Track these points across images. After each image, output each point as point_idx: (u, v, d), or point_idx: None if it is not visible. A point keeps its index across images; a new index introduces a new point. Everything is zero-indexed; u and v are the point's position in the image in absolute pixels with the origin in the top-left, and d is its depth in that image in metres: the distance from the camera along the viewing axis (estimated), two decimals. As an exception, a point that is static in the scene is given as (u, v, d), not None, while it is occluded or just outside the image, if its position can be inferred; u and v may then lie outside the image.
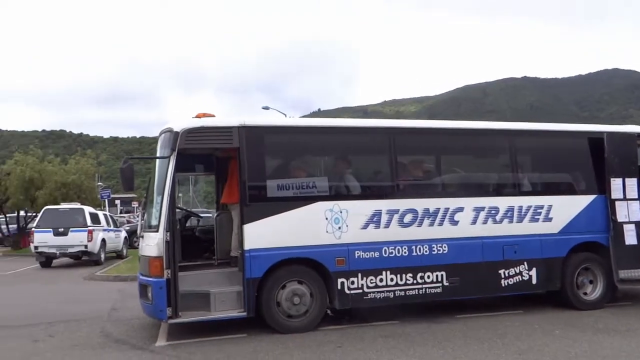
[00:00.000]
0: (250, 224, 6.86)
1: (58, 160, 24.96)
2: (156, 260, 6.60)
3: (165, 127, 7.14)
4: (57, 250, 17.00)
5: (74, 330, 7.65)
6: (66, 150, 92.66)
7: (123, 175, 6.75)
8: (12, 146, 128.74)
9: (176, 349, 6.34)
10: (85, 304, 10.18)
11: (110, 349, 6.48)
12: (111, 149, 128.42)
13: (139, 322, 7.90)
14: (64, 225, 16.93)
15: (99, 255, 17.47)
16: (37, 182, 22.52)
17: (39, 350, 6.57)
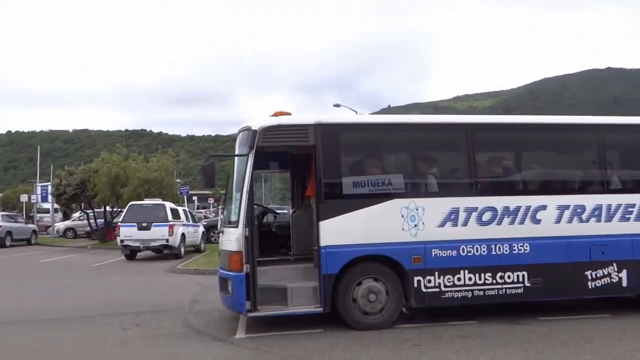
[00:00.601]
0: (326, 221, 6.92)
1: (141, 158, 26.24)
2: (236, 255, 6.80)
3: (244, 126, 7.34)
4: (141, 244, 17.95)
5: (158, 320, 8.04)
6: (147, 148, 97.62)
7: (205, 172, 7.01)
8: (98, 145, 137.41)
9: (255, 342, 6.51)
10: (168, 295, 10.67)
11: (192, 340, 6.75)
12: (188, 147, 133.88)
13: (218, 315, 8.18)
14: (147, 220, 17.82)
15: (179, 249, 18.26)
16: (122, 179, 23.76)
17: (128, 339, 6.97)
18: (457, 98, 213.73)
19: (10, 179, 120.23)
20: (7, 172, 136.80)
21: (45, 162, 57.18)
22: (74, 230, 32.87)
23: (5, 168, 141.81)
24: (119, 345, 6.59)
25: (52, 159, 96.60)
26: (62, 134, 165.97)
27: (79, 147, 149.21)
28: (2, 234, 25.71)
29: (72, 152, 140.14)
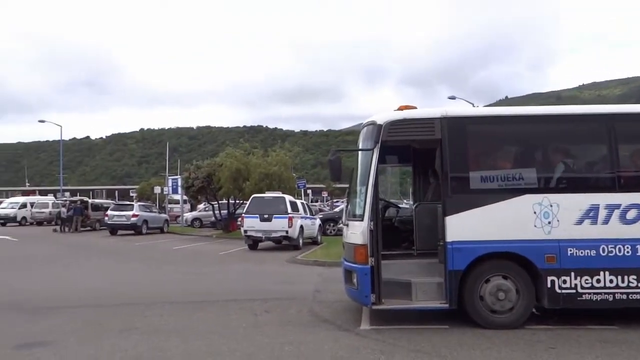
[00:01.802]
0: (452, 216, 6.79)
1: (261, 153, 27.45)
2: (361, 248, 6.90)
3: (369, 120, 7.41)
4: (262, 235, 18.83)
5: (285, 307, 8.40)
6: (263, 144, 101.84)
7: (331, 167, 7.18)
8: (219, 140, 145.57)
9: (381, 334, 6.58)
10: (291, 284, 11.10)
11: (319, 328, 6.98)
12: (301, 142, 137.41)
13: (341, 305, 8.37)
14: (268, 212, 18.64)
15: (298, 241, 18.90)
16: (243, 173, 25.02)
17: (259, 323, 7.36)
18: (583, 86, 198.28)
19: (142, 172, 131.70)
20: (140, 166, 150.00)
21: (172, 157, 61.62)
22: (200, 220, 35.27)
23: (139, 162, 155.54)
24: (252, 329, 6.99)
25: (178, 154, 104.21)
26: (187, 131, 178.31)
27: (202, 142, 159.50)
28: (139, 223, 28.27)
29: (196, 147, 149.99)
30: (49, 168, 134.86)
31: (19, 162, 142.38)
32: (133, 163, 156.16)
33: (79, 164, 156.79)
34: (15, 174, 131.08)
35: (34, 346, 6.22)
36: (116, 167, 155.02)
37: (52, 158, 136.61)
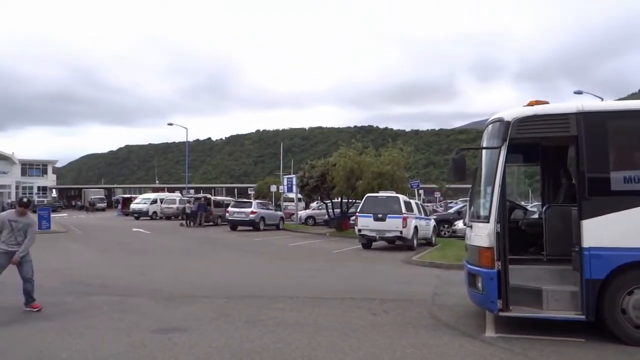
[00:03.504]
0: (590, 220, 6.27)
1: (373, 152, 27.42)
2: (487, 251, 6.60)
3: (495, 117, 7.07)
4: (376, 234, 18.78)
5: (404, 309, 8.29)
6: (373, 143, 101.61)
7: (455, 166, 6.94)
8: (330, 141, 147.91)
9: (508, 342, 6.24)
10: (407, 285, 10.95)
11: (441, 332, 6.78)
12: (412, 142, 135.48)
13: (463, 310, 8.08)
14: (382, 211, 18.56)
15: (412, 241, 18.61)
16: (356, 172, 25.14)
17: (378, 323, 7.32)
18: None
19: (258, 171, 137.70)
20: (256, 166, 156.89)
21: (286, 157, 63.61)
22: (313, 218, 36.04)
23: (255, 162, 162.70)
24: (371, 328, 6.97)
25: (292, 153, 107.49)
26: (300, 132, 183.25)
27: (314, 143, 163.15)
28: (257, 219, 29.55)
29: (308, 147, 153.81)
30: (175, 167, 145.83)
31: (149, 162, 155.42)
32: (250, 162, 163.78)
33: (202, 163, 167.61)
34: (147, 173, 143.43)
35: (170, 331, 6.69)
36: (234, 166, 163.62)
37: (178, 158, 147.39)
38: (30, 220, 8.08)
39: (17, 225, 7.87)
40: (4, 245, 7.82)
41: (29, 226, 7.98)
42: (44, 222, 27.12)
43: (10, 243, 7.85)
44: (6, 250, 7.83)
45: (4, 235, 7.83)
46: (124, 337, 6.42)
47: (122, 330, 6.77)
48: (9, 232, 7.83)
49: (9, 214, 8.02)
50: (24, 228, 7.92)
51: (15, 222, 7.87)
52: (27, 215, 8.03)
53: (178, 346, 6.02)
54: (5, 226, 7.84)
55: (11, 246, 7.85)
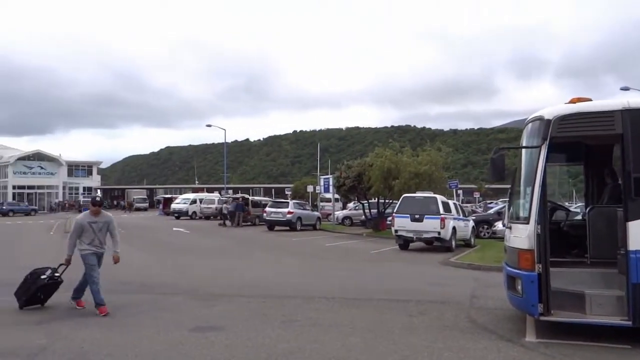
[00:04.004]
0: (636, 221, 6.01)
1: (410, 152, 27.16)
2: (527, 253, 6.42)
3: (535, 115, 6.88)
4: (413, 235, 18.59)
5: (441, 311, 8.16)
6: (411, 143, 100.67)
7: (493, 165, 6.79)
8: (366, 141, 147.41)
9: (549, 348, 6.06)
10: (445, 287, 10.78)
11: (478, 336, 6.64)
12: (450, 141, 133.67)
13: (502, 313, 7.90)
14: (419, 212, 18.37)
15: (450, 242, 18.34)
16: (393, 172, 24.94)
17: (414, 325, 7.23)
18: None
19: (295, 172, 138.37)
20: (293, 166, 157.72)
21: (323, 157, 63.74)
22: (350, 218, 35.98)
23: (292, 162, 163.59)
24: (407, 330, 6.89)
25: (329, 154, 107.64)
26: (337, 132, 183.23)
27: (350, 143, 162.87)
28: (294, 219, 29.71)
29: (345, 147, 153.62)
30: (214, 168, 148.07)
31: (190, 163, 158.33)
32: (287, 163, 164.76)
33: (240, 164, 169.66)
34: (187, 173, 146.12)
35: (207, 330, 6.79)
36: (272, 167, 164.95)
37: (217, 159, 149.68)
38: (108, 218, 8.06)
39: (97, 226, 7.84)
40: (90, 247, 7.79)
41: (109, 223, 7.99)
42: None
43: (96, 244, 7.83)
44: (95, 251, 7.82)
45: (86, 238, 7.78)
46: (163, 335, 6.55)
47: (161, 328, 6.90)
48: (91, 234, 7.78)
49: (85, 217, 7.95)
50: (105, 227, 7.91)
51: (95, 223, 7.84)
52: (102, 214, 8.01)
53: (214, 345, 6.10)
54: (86, 229, 7.78)
55: (97, 247, 7.86)
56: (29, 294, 7.88)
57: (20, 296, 7.92)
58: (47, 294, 8.06)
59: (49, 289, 8.02)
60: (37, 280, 7.89)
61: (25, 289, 7.92)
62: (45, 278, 7.90)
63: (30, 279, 7.95)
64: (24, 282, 8.00)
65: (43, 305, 8.01)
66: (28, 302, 7.91)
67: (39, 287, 7.88)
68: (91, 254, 7.76)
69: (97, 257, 7.85)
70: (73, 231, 7.89)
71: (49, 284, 7.97)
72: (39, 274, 7.96)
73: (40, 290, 7.92)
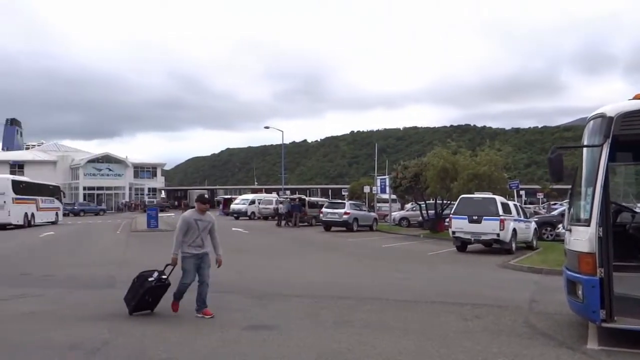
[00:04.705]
0: None
1: (468, 153, 26.57)
2: (588, 257, 6.16)
3: (596, 113, 6.59)
4: (471, 236, 18.19)
5: (497, 315, 7.95)
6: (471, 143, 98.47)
7: (551, 165, 6.55)
8: (425, 141, 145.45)
9: (612, 356, 5.78)
10: (503, 290, 10.49)
11: (537, 342, 6.42)
12: (512, 141, 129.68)
13: (563, 319, 7.60)
14: (477, 213, 17.95)
15: (510, 245, 17.80)
16: (451, 172, 24.50)
17: (469, 329, 7.08)
18: None
19: (353, 172, 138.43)
20: (351, 167, 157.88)
21: (380, 158, 63.36)
22: (407, 219, 35.64)
23: (350, 163, 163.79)
24: (461, 334, 6.75)
25: (386, 154, 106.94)
26: (394, 132, 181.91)
27: (408, 143, 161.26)
28: (350, 220, 29.76)
29: (403, 147, 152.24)
30: (273, 169, 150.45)
31: (249, 164, 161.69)
32: (344, 164, 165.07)
33: (298, 165, 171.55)
34: (246, 174, 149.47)
35: (260, 329, 6.93)
36: (329, 168, 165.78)
37: (275, 160, 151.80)
38: (212, 218, 7.84)
39: (203, 224, 7.57)
40: (190, 249, 7.49)
41: (213, 224, 7.78)
42: (152, 221, 29.20)
43: (197, 245, 7.54)
44: (193, 253, 7.52)
45: (190, 237, 7.48)
46: (218, 333, 6.75)
47: (216, 326, 7.10)
48: (195, 232, 7.49)
49: (192, 214, 7.63)
50: (208, 226, 7.67)
51: (201, 221, 7.56)
52: (207, 213, 7.78)
53: (267, 343, 6.21)
54: (192, 227, 7.48)
55: (197, 248, 7.55)
56: (137, 298, 7.58)
57: (130, 301, 7.66)
58: (155, 298, 7.77)
59: (156, 292, 7.72)
60: (145, 284, 7.57)
61: (134, 293, 7.64)
62: (153, 280, 7.59)
63: (138, 283, 7.67)
64: (131, 286, 7.74)
65: (152, 310, 7.77)
66: (137, 307, 7.63)
67: (147, 290, 7.56)
68: (190, 257, 7.50)
69: (195, 260, 7.56)
70: (179, 228, 7.51)
71: (157, 287, 7.65)
72: (146, 276, 7.66)
73: (148, 294, 7.62)
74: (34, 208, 34.54)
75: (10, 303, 8.74)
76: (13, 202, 31.52)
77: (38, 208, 35.11)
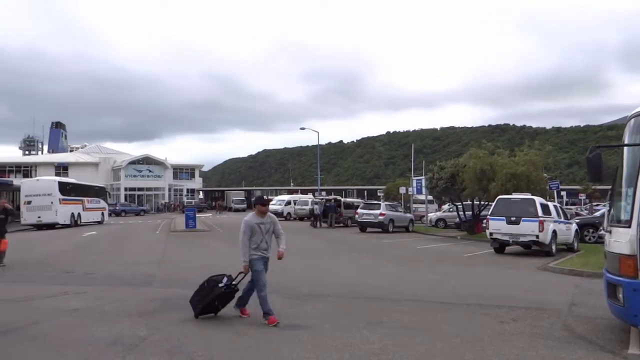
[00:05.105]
0: None
1: (506, 153, 26.06)
2: (629, 259, 5.99)
3: (637, 110, 6.42)
4: (509, 238, 17.84)
5: (535, 318, 7.80)
6: (510, 143, 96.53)
7: (590, 165, 6.39)
8: (463, 141, 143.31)
9: (654, 361, 5.61)
10: (542, 293, 10.28)
11: (576, 346, 6.28)
12: (553, 140, 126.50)
13: (603, 323, 7.42)
14: (516, 214, 17.60)
15: (550, 247, 17.37)
16: (488, 173, 24.08)
17: (506, 332, 6.97)
18: None
19: (389, 173, 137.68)
20: (387, 167, 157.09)
21: (417, 158, 62.67)
22: (444, 220, 35.21)
23: (386, 164, 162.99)
24: (497, 337, 6.67)
25: (423, 155, 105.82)
26: (431, 132, 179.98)
27: (446, 143, 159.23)
28: (386, 221, 29.60)
29: (440, 148, 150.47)
30: (309, 170, 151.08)
31: (285, 165, 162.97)
32: (380, 164, 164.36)
33: (334, 166, 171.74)
34: (282, 175, 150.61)
35: (295, 328, 7.00)
36: (365, 169, 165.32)
37: (311, 161, 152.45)
38: (273, 218, 7.72)
39: (265, 227, 7.49)
40: (257, 252, 7.44)
41: (275, 224, 7.67)
42: (190, 221, 29.74)
43: (263, 248, 7.48)
44: (261, 255, 7.49)
45: (255, 240, 7.41)
46: (253, 331, 6.86)
47: (252, 324, 7.21)
48: (260, 235, 7.42)
49: (253, 218, 7.49)
50: (271, 228, 7.59)
51: (263, 224, 7.48)
52: (268, 214, 7.68)
53: (301, 343, 6.27)
54: (255, 231, 7.40)
55: (263, 252, 7.50)
56: (205, 302, 7.54)
57: (197, 304, 7.61)
58: (222, 303, 7.74)
59: (225, 297, 7.70)
60: (215, 289, 7.52)
61: (202, 297, 7.58)
62: (223, 287, 7.53)
63: (207, 287, 7.59)
64: (199, 290, 7.67)
65: (216, 314, 7.75)
66: (204, 311, 7.62)
67: (216, 295, 7.53)
68: (258, 259, 7.42)
69: (264, 262, 7.53)
70: (243, 233, 7.38)
71: (226, 293, 7.61)
72: (216, 282, 7.58)
73: (217, 299, 7.60)
74: (81, 208, 35.92)
75: (56, 300, 9.08)
76: (60, 202, 32.86)
77: (84, 208, 36.50)
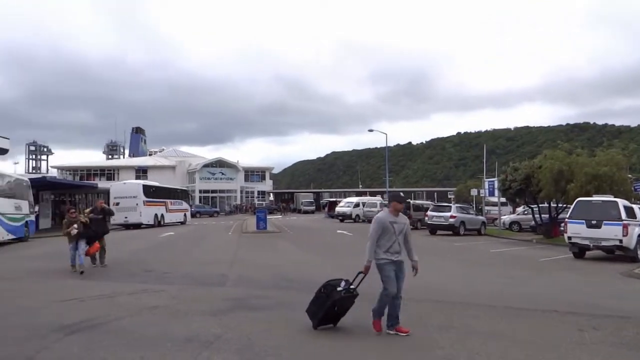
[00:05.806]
0: None
1: (586, 153, 24.79)
2: None
3: None
4: (590, 242, 16.92)
5: (619, 327, 7.38)
6: (589, 142, 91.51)
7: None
8: (539, 141, 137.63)
9: None
10: (625, 301, 9.71)
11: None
12: (638, 139, 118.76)
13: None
14: (597, 217, 16.67)
15: (635, 252, 16.32)
16: (566, 174, 22.97)
17: (585, 341, 6.63)
18: None
19: (460, 174, 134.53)
20: (457, 169, 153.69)
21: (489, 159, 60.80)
22: (518, 223, 33.91)
23: (456, 165, 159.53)
24: (577, 346, 6.36)
25: (495, 156, 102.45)
26: (505, 132, 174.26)
27: (520, 144, 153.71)
28: (457, 224, 28.96)
29: (514, 149, 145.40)
30: (377, 172, 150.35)
31: (353, 167, 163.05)
32: (451, 166, 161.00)
33: (403, 168, 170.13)
34: (351, 177, 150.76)
35: (364, 332, 6.94)
36: (435, 170, 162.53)
37: (379, 162, 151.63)
38: (405, 219, 7.00)
39: (399, 227, 6.78)
40: (387, 255, 6.73)
41: (407, 226, 6.97)
42: (260, 223, 30.50)
43: (394, 250, 6.75)
44: (392, 260, 6.76)
45: (385, 241, 6.72)
46: (323, 335, 6.89)
47: (327, 328, 7.12)
48: (392, 236, 6.72)
49: (386, 215, 6.83)
50: (404, 229, 6.86)
51: (396, 224, 6.77)
52: (401, 214, 6.97)
53: (370, 347, 6.24)
54: (387, 230, 6.70)
55: (395, 255, 6.76)
56: (324, 310, 6.90)
57: (315, 314, 7.01)
58: (342, 309, 7.06)
59: (345, 303, 7.00)
60: (333, 293, 6.88)
61: (320, 304, 6.97)
62: (341, 290, 6.87)
63: (324, 292, 6.99)
64: (316, 298, 7.08)
65: (335, 325, 7.11)
66: (323, 320, 7.00)
67: (335, 300, 6.87)
68: (388, 264, 6.73)
69: (394, 267, 6.80)
70: (374, 231, 6.73)
71: (345, 298, 6.92)
72: (334, 285, 6.97)
73: (337, 304, 6.93)
74: (164, 210, 38.18)
75: (136, 297, 9.56)
76: (144, 204, 35.15)
77: (167, 210, 38.79)
